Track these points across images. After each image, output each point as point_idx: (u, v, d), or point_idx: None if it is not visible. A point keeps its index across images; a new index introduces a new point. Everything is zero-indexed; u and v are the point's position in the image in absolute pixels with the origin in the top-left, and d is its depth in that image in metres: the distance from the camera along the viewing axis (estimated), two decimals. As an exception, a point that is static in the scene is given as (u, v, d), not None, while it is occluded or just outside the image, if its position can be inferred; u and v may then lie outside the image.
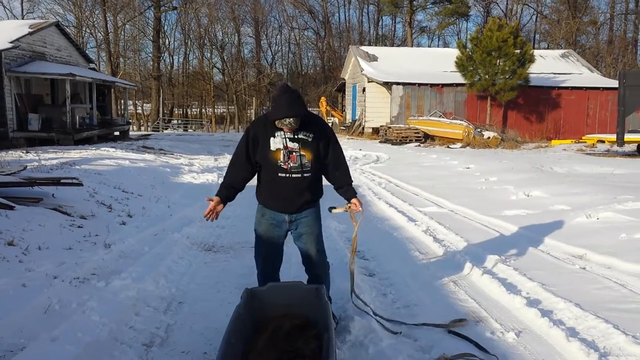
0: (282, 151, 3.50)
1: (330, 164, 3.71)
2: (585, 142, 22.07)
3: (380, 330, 3.68)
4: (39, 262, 4.93)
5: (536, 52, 26.57)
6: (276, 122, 3.44)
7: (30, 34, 18.66)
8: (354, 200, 3.73)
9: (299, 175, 3.55)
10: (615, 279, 4.77)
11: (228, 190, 3.67)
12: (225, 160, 17.71)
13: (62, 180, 7.71)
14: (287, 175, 3.54)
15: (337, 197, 3.87)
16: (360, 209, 3.72)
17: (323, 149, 3.62)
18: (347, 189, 3.78)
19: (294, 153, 3.51)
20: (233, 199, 3.71)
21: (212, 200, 3.60)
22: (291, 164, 3.52)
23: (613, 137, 18.90)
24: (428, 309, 4.26)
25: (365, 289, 4.54)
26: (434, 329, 3.80)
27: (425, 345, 3.59)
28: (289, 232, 3.81)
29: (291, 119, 3.38)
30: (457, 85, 26.59)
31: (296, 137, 3.51)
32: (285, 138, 3.49)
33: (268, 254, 3.83)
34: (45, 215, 6.42)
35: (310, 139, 3.54)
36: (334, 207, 3.82)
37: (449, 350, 3.42)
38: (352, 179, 3.86)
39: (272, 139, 3.52)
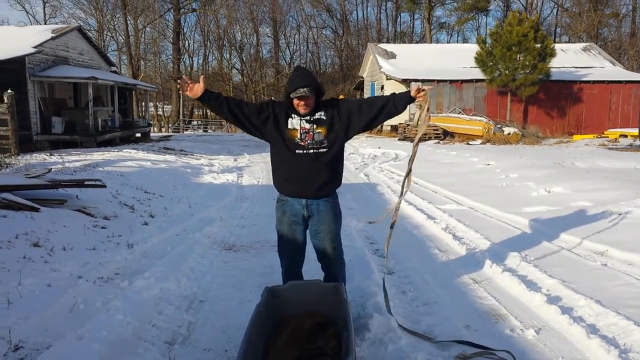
0: (299, 131, 3.63)
1: (365, 110, 3.70)
2: (607, 136, 21.76)
3: (399, 329, 3.69)
4: (63, 263, 5.02)
5: (557, 46, 26.24)
6: (292, 96, 3.54)
7: (53, 38, 18.96)
8: (412, 94, 3.64)
9: (316, 150, 3.63)
10: (636, 276, 4.72)
11: (220, 94, 3.71)
12: (244, 160, 17.83)
13: (85, 182, 7.84)
14: (304, 151, 3.63)
15: (357, 194, 3.88)
16: (423, 94, 3.64)
17: (344, 119, 3.67)
18: (396, 96, 3.72)
19: (310, 132, 3.63)
20: (213, 98, 3.65)
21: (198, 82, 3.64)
22: (308, 141, 3.62)
23: (636, 131, 18.62)
24: (447, 307, 4.26)
25: (384, 287, 4.55)
26: (453, 326, 3.81)
27: (444, 343, 3.59)
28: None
29: (305, 89, 3.49)
30: (477, 81, 26.41)
31: (312, 119, 3.63)
32: (302, 120, 3.62)
33: (292, 252, 3.90)
34: (69, 217, 6.54)
35: (325, 118, 3.65)
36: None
37: (467, 349, 3.43)
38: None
39: (290, 119, 3.65)
